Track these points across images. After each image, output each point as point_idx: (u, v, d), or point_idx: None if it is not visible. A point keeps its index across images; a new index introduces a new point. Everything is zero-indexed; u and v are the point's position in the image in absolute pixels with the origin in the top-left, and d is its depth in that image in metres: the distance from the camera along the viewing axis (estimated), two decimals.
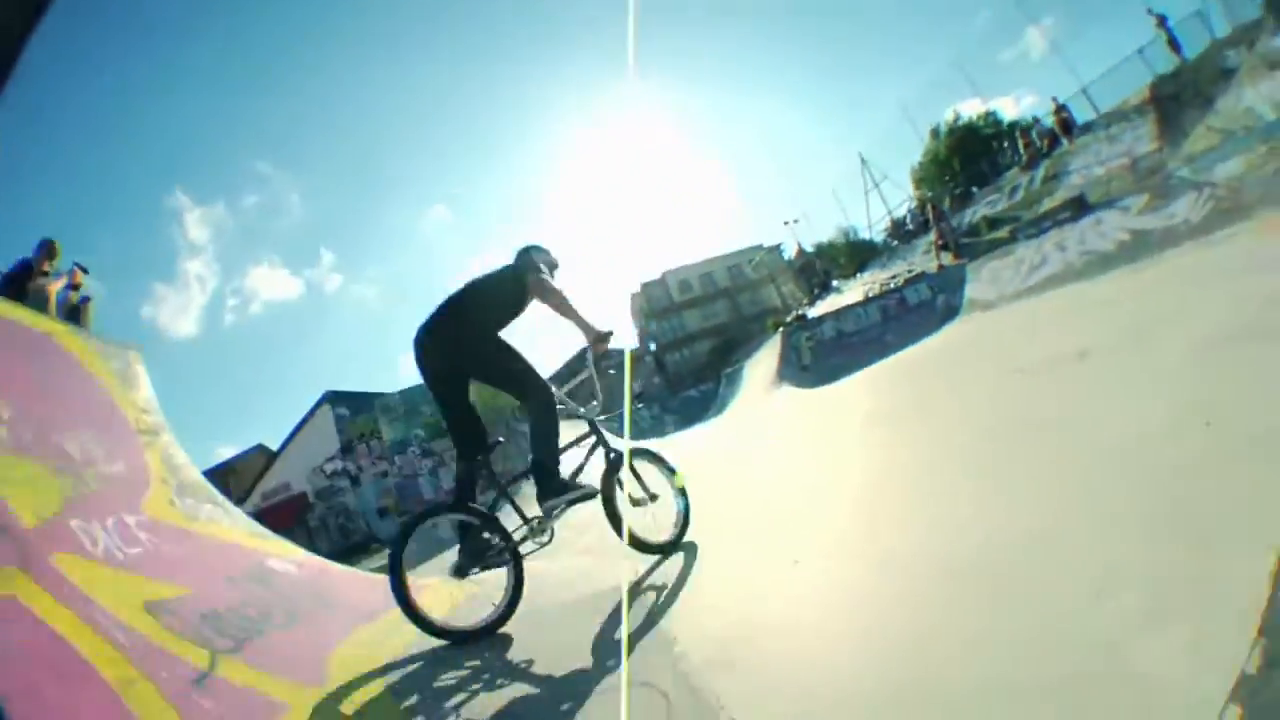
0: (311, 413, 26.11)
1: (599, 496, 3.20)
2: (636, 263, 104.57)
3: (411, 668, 2.82)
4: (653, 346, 49.99)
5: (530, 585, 3.12)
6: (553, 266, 3.48)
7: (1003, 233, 16.65)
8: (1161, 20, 15.69)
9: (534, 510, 3.15)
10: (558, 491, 3.06)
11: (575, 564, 4.27)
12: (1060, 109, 18.41)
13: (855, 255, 29.47)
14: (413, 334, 3.20)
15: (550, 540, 3.19)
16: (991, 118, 26.99)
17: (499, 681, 2.51)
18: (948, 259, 18.54)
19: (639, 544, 3.33)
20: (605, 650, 2.50)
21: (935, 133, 27.76)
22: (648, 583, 3.16)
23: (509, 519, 3.14)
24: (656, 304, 52.46)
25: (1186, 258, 9.58)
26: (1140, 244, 11.70)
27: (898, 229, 27.16)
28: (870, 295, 20.00)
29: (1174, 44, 15.24)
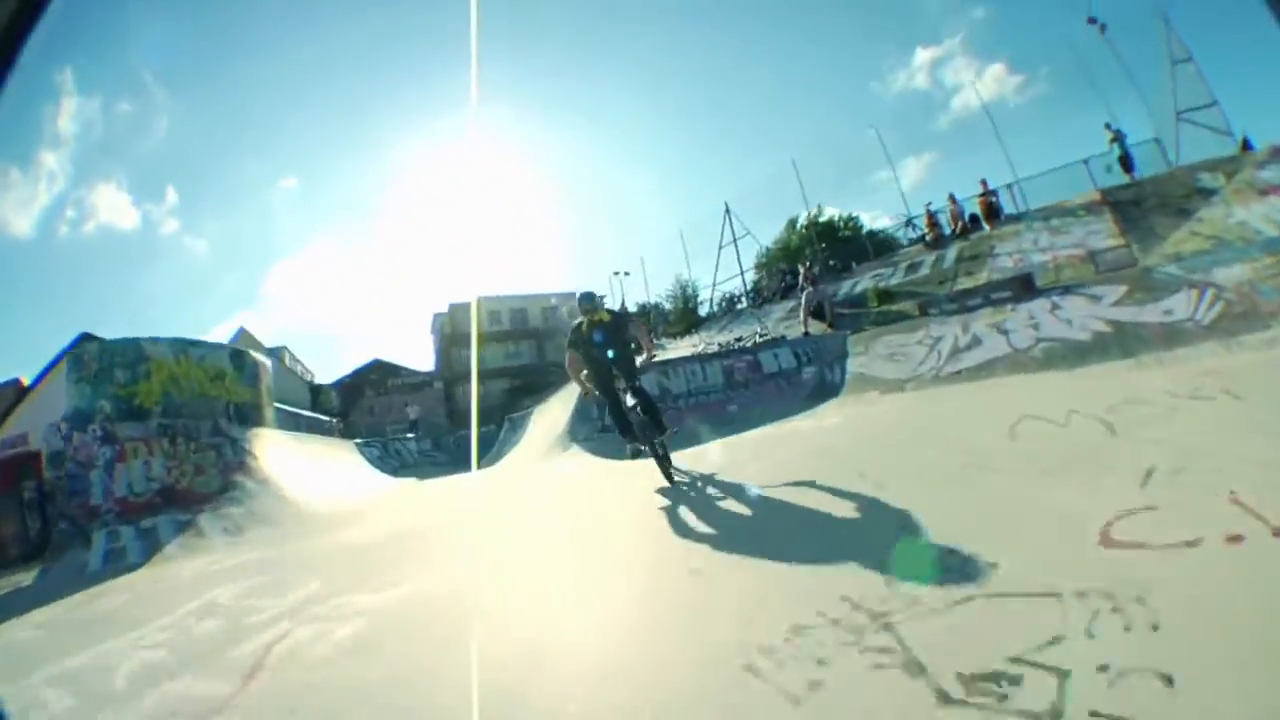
0: (62, 355, 19.78)
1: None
2: (452, 282, 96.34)
3: None
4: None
5: None
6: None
7: (906, 305, 13.26)
8: (1118, 136, 15.01)
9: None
10: (663, 429, 5.87)
11: None
12: (989, 193, 16.57)
13: (687, 316, 25.76)
14: None
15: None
16: (853, 221, 25.46)
17: None
18: (818, 327, 14.82)
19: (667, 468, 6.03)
20: None
21: (792, 224, 25.67)
22: None
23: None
24: (461, 330, 45.63)
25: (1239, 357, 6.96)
26: (1132, 337, 8.52)
27: (729, 304, 23.98)
28: (708, 352, 15.64)
29: (1126, 161, 14.15)
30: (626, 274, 32.45)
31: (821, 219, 25.52)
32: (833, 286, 16.95)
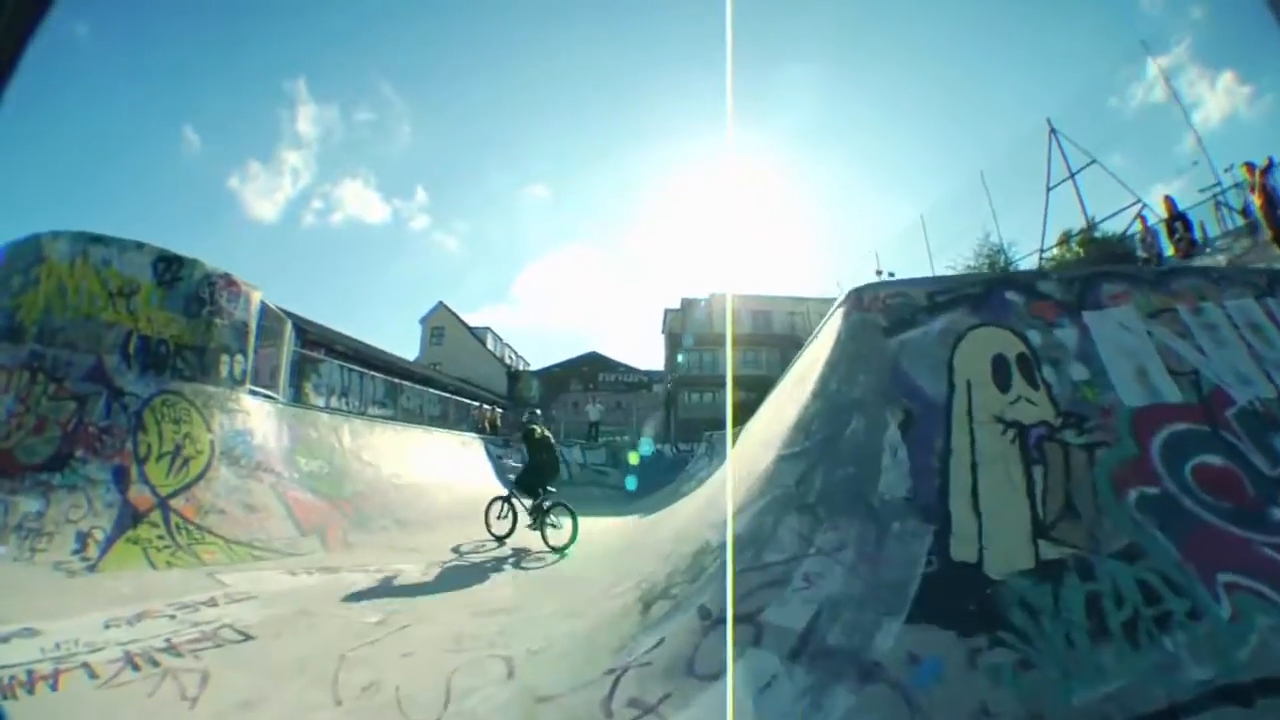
0: None
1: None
2: (689, 278, 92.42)
3: None
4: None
5: None
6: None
7: None
8: None
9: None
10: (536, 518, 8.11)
11: None
12: None
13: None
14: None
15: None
16: (1129, 239, 16.12)
17: None
18: None
19: (551, 546, 7.79)
20: None
21: (1066, 237, 17.44)
22: None
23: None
24: (693, 329, 39.70)
25: None
26: None
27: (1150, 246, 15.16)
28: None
29: None
30: (891, 275, 23.49)
31: (1097, 234, 17.75)
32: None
